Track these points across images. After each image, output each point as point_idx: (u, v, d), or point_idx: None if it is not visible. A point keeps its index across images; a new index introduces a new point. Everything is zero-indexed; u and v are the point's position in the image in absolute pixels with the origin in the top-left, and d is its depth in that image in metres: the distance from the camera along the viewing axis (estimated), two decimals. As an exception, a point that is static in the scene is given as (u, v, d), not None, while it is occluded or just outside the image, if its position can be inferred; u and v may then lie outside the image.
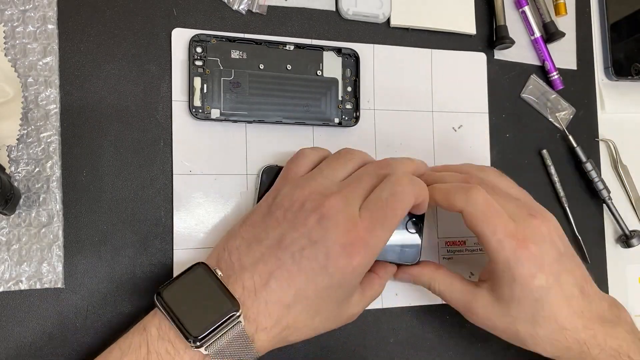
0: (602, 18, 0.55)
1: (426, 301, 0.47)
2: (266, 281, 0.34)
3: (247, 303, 0.33)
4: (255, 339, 0.33)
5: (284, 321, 0.34)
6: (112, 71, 0.41)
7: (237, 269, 0.34)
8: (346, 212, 0.34)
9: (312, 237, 0.34)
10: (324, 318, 0.36)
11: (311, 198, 0.35)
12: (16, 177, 0.38)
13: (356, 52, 0.46)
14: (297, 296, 0.34)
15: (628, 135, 0.55)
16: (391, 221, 0.35)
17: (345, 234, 0.33)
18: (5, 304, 0.38)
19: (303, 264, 0.34)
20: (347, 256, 0.33)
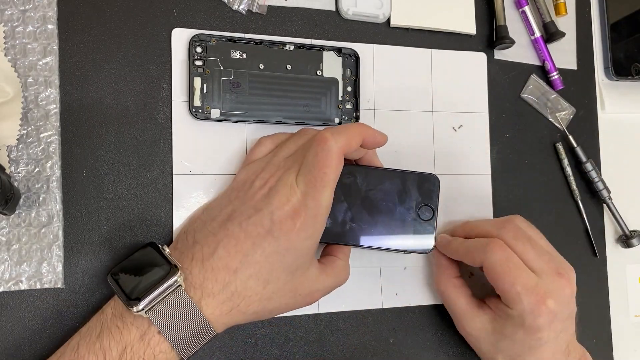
0: (602, 18, 0.55)
1: (426, 301, 0.47)
2: (214, 249, 0.35)
3: (194, 271, 0.35)
4: (203, 305, 0.34)
5: (232, 286, 0.35)
6: (112, 71, 0.41)
7: (190, 245, 0.37)
8: (286, 181, 0.36)
9: (257, 207, 0.36)
10: (276, 288, 0.36)
11: (260, 176, 0.38)
12: (16, 177, 0.38)
13: (356, 52, 0.45)
14: (244, 261, 0.35)
15: (628, 135, 0.55)
16: (322, 180, 0.35)
17: (287, 201, 0.35)
18: (5, 304, 0.38)
19: (249, 229, 0.35)
20: (290, 219, 0.35)
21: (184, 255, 0.36)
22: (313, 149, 0.36)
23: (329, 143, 0.36)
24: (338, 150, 0.36)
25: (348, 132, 0.37)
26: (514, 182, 0.51)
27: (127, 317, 0.34)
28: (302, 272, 0.37)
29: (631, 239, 0.52)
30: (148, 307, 0.33)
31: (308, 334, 0.44)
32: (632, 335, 0.54)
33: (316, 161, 0.36)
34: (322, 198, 0.36)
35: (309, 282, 0.38)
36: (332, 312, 0.44)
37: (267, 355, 0.43)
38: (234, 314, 0.36)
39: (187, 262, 0.36)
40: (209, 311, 0.35)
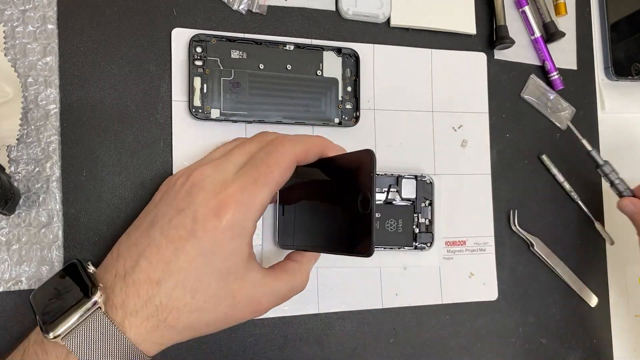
0: (602, 18, 0.55)
1: (426, 301, 0.47)
2: (136, 262, 0.32)
3: (116, 289, 0.32)
4: (126, 326, 0.31)
5: (155, 300, 0.31)
6: (112, 71, 0.41)
7: (114, 260, 0.34)
8: (215, 177, 0.33)
9: (179, 207, 0.33)
10: (207, 296, 0.32)
11: (184, 174, 0.35)
12: (16, 177, 0.38)
13: (356, 52, 0.45)
14: (166, 270, 0.31)
15: (628, 135, 0.55)
16: (265, 178, 0.32)
17: (214, 196, 0.32)
18: (5, 304, 0.38)
19: (171, 233, 0.32)
20: (215, 216, 0.31)
21: (107, 272, 0.33)
22: (266, 148, 0.34)
23: (285, 146, 0.34)
24: (292, 155, 0.34)
25: (307, 142, 0.35)
26: (514, 182, 0.51)
27: (47, 344, 0.31)
28: (237, 276, 0.33)
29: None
30: (64, 333, 0.30)
31: (308, 334, 0.44)
32: (632, 335, 0.54)
33: (267, 159, 0.33)
34: (259, 195, 0.32)
35: (250, 287, 0.33)
36: (332, 312, 0.44)
37: (267, 355, 0.43)
38: (163, 329, 0.32)
39: (110, 279, 0.32)
40: (133, 332, 0.31)
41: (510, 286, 0.49)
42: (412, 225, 0.46)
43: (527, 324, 0.50)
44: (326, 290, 0.44)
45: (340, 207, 0.34)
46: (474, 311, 0.48)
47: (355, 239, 0.32)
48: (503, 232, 0.50)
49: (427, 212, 0.46)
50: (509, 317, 0.49)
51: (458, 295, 0.48)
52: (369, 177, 0.31)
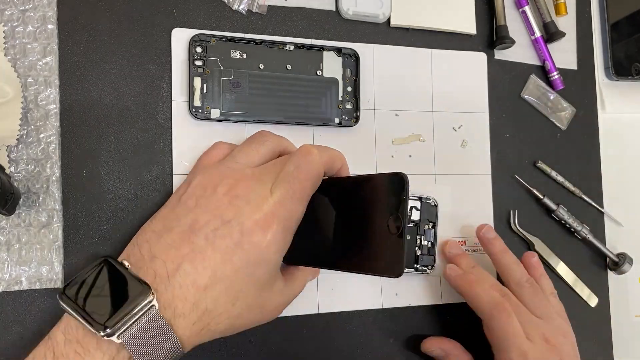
0: (603, 18, 0.55)
1: (426, 301, 0.47)
2: (179, 265, 0.33)
3: (161, 289, 0.32)
4: (175, 326, 0.32)
5: (202, 304, 0.32)
6: (112, 71, 0.41)
7: (147, 260, 0.33)
8: (257, 190, 0.34)
9: (225, 217, 0.34)
10: (245, 305, 0.34)
11: (224, 182, 0.35)
12: (16, 177, 0.38)
13: (356, 52, 0.45)
14: (213, 277, 0.33)
15: (628, 135, 0.55)
16: (300, 193, 0.34)
17: (257, 210, 0.33)
18: (5, 304, 0.38)
19: (217, 243, 0.33)
20: (261, 230, 0.33)
21: (143, 271, 0.33)
22: (295, 159, 0.35)
23: (314, 157, 0.34)
24: (321, 165, 0.35)
25: (331, 152, 0.36)
26: (514, 182, 0.50)
27: (88, 342, 0.31)
28: (269, 286, 0.36)
29: (621, 266, 0.51)
30: (120, 330, 0.30)
31: (308, 334, 0.44)
32: (632, 335, 0.54)
33: (298, 172, 0.34)
34: (296, 210, 0.34)
35: (275, 296, 0.36)
36: (332, 312, 0.44)
37: (267, 355, 0.43)
38: (204, 333, 0.33)
39: (151, 279, 0.32)
40: (180, 332, 0.32)
41: (510, 286, 0.49)
42: (414, 247, 0.45)
43: (527, 324, 0.50)
44: (326, 290, 0.44)
45: (361, 227, 0.34)
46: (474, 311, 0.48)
47: (382, 259, 0.32)
48: (503, 232, 0.50)
49: (430, 234, 0.46)
50: (509, 317, 0.49)
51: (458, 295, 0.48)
52: (401, 199, 0.31)
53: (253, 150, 0.38)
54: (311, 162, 0.34)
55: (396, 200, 0.32)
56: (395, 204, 0.32)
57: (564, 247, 0.52)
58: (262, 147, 0.39)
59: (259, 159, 0.38)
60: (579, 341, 0.44)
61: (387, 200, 0.32)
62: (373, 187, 0.34)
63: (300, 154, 0.35)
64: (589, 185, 0.53)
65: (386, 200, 0.33)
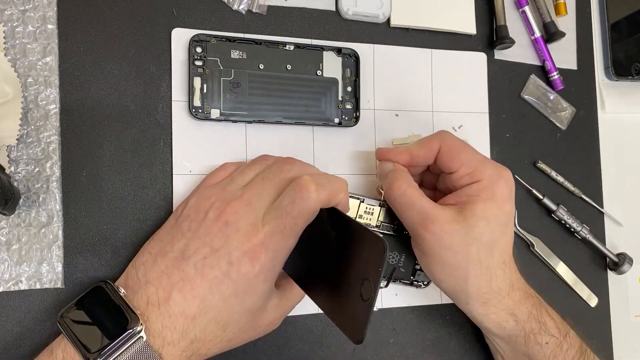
0: (602, 18, 0.55)
1: (426, 301, 0.47)
2: (169, 294, 0.33)
3: (152, 317, 0.33)
4: (164, 354, 0.32)
5: (191, 334, 0.33)
6: (112, 71, 0.41)
7: (142, 284, 0.34)
8: (248, 218, 0.34)
9: (214, 245, 0.34)
10: (237, 329, 0.35)
11: (215, 206, 0.35)
12: (16, 177, 0.38)
13: (356, 52, 0.45)
14: (202, 306, 0.33)
15: (628, 135, 0.55)
16: (291, 229, 0.33)
17: (247, 240, 0.33)
18: (5, 304, 0.38)
19: (206, 272, 0.33)
20: (249, 261, 0.33)
21: (137, 296, 0.34)
22: (291, 194, 0.34)
23: (310, 194, 0.33)
24: (317, 203, 0.33)
25: (332, 187, 0.34)
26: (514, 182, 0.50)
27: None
28: (261, 309, 0.36)
29: (621, 266, 0.51)
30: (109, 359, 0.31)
31: (308, 334, 0.44)
32: (632, 335, 0.54)
33: (291, 208, 0.33)
34: (286, 245, 0.34)
35: (269, 315, 0.37)
36: (332, 312, 0.44)
37: (267, 355, 0.43)
38: (195, 358, 0.34)
39: (143, 306, 0.33)
40: (170, 359, 0.33)
41: (510, 286, 0.49)
42: (414, 261, 0.45)
43: (527, 324, 0.50)
44: (326, 290, 0.44)
45: (340, 275, 0.33)
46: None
47: (348, 318, 0.31)
48: (503, 232, 0.50)
49: None
50: (509, 317, 0.49)
51: (458, 295, 0.48)
52: (377, 270, 0.29)
53: (252, 171, 0.38)
54: (307, 199, 0.33)
55: (374, 266, 0.30)
56: (372, 269, 0.30)
57: (564, 247, 0.52)
58: (258, 167, 0.38)
59: None
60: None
61: (366, 260, 0.31)
62: (359, 239, 0.32)
63: (297, 189, 0.33)
64: (589, 185, 0.53)
65: (365, 260, 0.31)
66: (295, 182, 0.34)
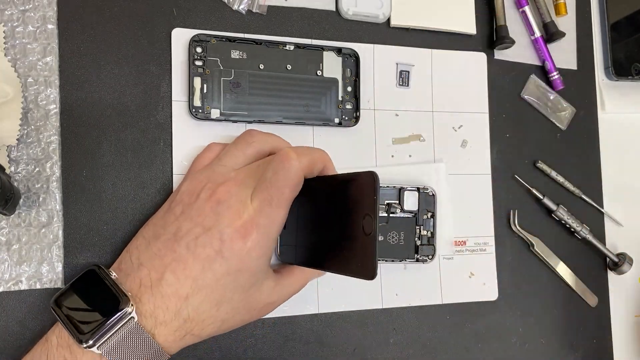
0: (603, 18, 0.55)
1: (426, 301, 0.47)
2: (162, 274, 0.33)
3: (144, 299, 0.33)
4: (156, 334, 0.33)
5: (183, 313, 0.33)
6: (112, 71, 0.41)
7: (135, 267, 0.35)
8: (238, 195, 0.34)
9: (205, 225, 0.34)
10: (230, 308, 0.35)
11: (207, 187, 0.35)
12: (16, 177, 0.38)
13: (356, 52, 0.45)
14: (194, 286, 0.33)
15: (628, 135, 0.55)
16: (278, 199, 0.34)
17: (238, 217, 0.33)
18: (5, 304, 0.38)
19: (198, 251, 0.33)
20: (241, 238, 0.33)
21: (130, 279, 0.34)
22: (274, 165, 0.34)
23: (292, 162, 0.34)
24: (299, 170, 0.34)
25: (312, 155, 0.35)
26: (514, 182, 0.50)
27: (76, 350, 0.32)
28: (256, 288, 0.36)
29: (621, 266, 0.51)
30: (99, 342, 0.32)
31: (308, 334, 0.44)
32: (632, 335, 0.54)
33: (275, 179, 0.34)
34: (276, 217, 0.34)
35: (264, 296, 0.37)
36: (332, 312, 0.44)
37: (267, 355, 0.43)
38: (188, 338, 0.34)
39: (136, 288, 0.34)
40: (162, 339, 0.33)
41: (510, 286, 0.49)
42: (414, 237, 0.45)
43: (527, 324, 0.50)
44: (326, 290, 0.44)
45: (341, 227, 0.34)
46: (474, 311, 0.48)
47: (358, 261, 0.32)
48: (503, 232, 0.50)
49: (429, 224, 0.46)
50: (509, 317, 0.49)
51: (458, 295, 0.48)
52: (373, 200, 0.30)
53: (239, 151, 0.38)
54: (289, 168, 0.34)
55: (369, 200, 0.31)
56: (368, 203, 0.31)
57: (564, 247, 0.52)
58: (248, 148, 0.38)
59: (245, 160, 0.38)
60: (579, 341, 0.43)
61: (362, 199, 0.32)
62: (349, 186, 0.33)
63: (278, 160, 0.34)
64: (589, 185, 0.53)
65: (361, 200, 0.32)
66: (277, 154, 0.35)
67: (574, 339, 0.51)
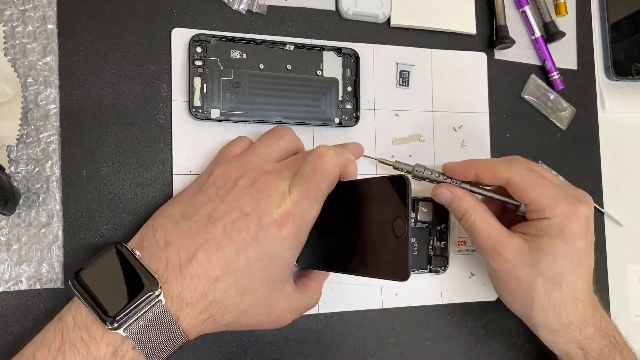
0: (603, 18, 0.55)
1: (426, 301, 0.47)
2: (193, 255, 0.33)
3: (171, 279, 0.32)
4: (180, 317, 0.32)
5: (210, 295, 0.33)
6: (112, 71, 0.41)
7: (161, 246, 0.34)
8: (278, 187, 0.35)
9: (244, 210, 0.34)
10: (253, 300, 0.34)
11: (246, 175, 0.36)
12: (16, 177, 0.38)
13: (356, 52, 0.45)
14: (225, 269, 0.33)
15: (628, 135, 0.55)
16: (315, 193, 0.34)
17: (276, 207, 0.34)
18: (5, 304, 0.38)
19: (234, 234, 0.33)
20: (277, 227, 0.34)
21: (155, 258, 0.33)
22: (312, 160, 0.35)
23: (328, 158, 0.35)
24: (336, 167, 0.35)
25: (347, 153, 0.37)
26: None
27: (95, 330, 0.31)
28: (279, 286, 0.36)
29: None
30: (126, 324, 0.31)
31: (308, 334, 0.44)
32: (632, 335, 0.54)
33: (313, 174, 0.34)
34: (311, 210, 0.35)
35: (284, 299, 0.36)
36: (332, 312, 0.44)
37: (267, 355, 0.43)
38: (209, 323, 0.34)
39: (162, 268, 0.33)
40: (186, 322, 0.33)
41: (510, 286, 0.49)
42: (427, 247, 0.45)
43: (527, 324, 0.50)
44: (326, 290, 0.44)
45: (370, 231, 0.34)
46: (474, 311, 0.48)
47: (389, 263, 0.32)
48: (503, 232, 0.50)
49: (442, 235, 0.46)
50: (509, 317, 0.49)
51: (458, 295, 0.48)
52: (405, 202, 0.31)
53: (273, 143, 0.39)
54: (327, 163, 0.35)
55: (400, 203, 0.32)
56: (399, 206, 0.32)
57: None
58: (281, 141, 0.39)
59: (279, 153, 0.39)
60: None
61: (391, 203, 0.33)
62: (378, 190, 0.34)
63: (316, 155, 0.35)
64: (589, 185, 0.53)
65: (391, 203, 0.33)
66: (314, 151, 0.36)
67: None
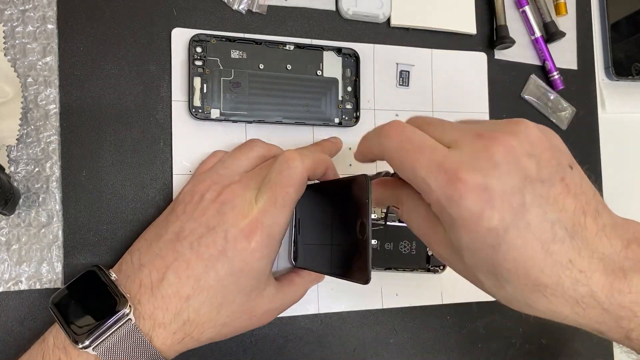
0: (603, 18, 0.55)
1: (426, 301, 0.47)
2: (163, 275, 0.33)
3: (143, 300, 0.33)
4: (154, 337, 0.32)
5: (184, 314, 0.33)
6: (112, 71, 0.41)
7: (136, 268, 0.34)
8: (244, 197, 0.34)
9: (209, 224, 0.34)
10: (231, 312, 0.34)
11: (211, 189, 0.36)
12: (16, 177, 0.38)
13: (356, 52, 0.45)
14: (196, 287, 0.33)
15: (628, 135, 0.55)
16: (283, 200, 0.34)
17: (242, 218, 0.33)
18: (5, 304, 0.38)
19: (201, 251, 0.33)
20: (245, 238, 0.33)
21: (130, 280, 0.34)
22: (277, 166, 0.34)
23: (295, 162, 0.34)
24: (303, 171, 0.34)
25: (315, 157, 0.35)
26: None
27: (71, 351, 0.32)
28: (258, 292, 0.35)
29: None
30: (95, 343, 0.31)
31: (308, 334, 0.44)
32: (632, 336, 0.54)
33: (280, 179, 0.34)
34: (280, 217, 0.34)
35: (266, 302, 0.36)
36: (332, 312, 0.44)
37: (267, 355, 0.43)
38: (187, 341, 0.34)
39: (135, 289, 0.33)
40: (160, 342, 0.32)
41: (510, 286, 0.49)
42: (425, 247, 0.45)
43: (527, 324, 0.50)
44: (326, 290, 0.44)
45: (342, 232, 0.34)
46: (474, 311, 0.48)
47: (354, 265, 0.31)
48: (503, 232, 0.50)
49: None
50: (509, 317, 0.49)
51: (458, 295, 0.48)
52: (365, 203, 0.29)
53: (242, 155, 0.39)
54: (293, 168, 0.34)
55: (362, 204, 0.30)
56: (361, 207, 0.30)
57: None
58: (251, 152, 0.39)
59: (247, 164, 0.38)
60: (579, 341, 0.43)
61: (356, 204, 0.31)
62: (347, 190, 0.32)
63: (281, 160, 0.34)
64: (589, 185, 0.53)
65: (356, 205, 0.31)
66: (280, 155, 0.35)
67: (574, 340, 0.51)
